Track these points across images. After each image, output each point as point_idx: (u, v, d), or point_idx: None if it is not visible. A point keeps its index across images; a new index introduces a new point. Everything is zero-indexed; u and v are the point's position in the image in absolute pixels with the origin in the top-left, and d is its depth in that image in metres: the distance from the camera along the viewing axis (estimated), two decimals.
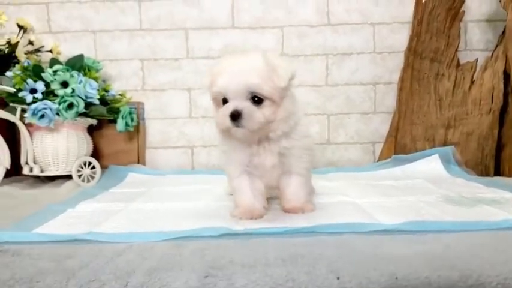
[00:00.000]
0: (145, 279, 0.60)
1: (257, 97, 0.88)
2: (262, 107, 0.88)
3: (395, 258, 0.65)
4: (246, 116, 0.86)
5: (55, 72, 1.48)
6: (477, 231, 0.81)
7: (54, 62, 1.54)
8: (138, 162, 1.77)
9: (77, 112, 1.47)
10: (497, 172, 1.61)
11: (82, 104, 1.47)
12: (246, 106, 0.87)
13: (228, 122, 0.87)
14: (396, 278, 0.60)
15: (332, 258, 0.66)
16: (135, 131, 1.75)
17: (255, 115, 0.87)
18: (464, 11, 1.74)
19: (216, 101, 0.94)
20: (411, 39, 1.74)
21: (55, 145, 1.50)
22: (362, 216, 0.93)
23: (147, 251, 0.72)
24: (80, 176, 1.51)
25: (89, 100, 1.50)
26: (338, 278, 0.60)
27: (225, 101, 0.90)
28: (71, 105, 1.46)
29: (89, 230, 0.88)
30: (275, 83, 0.88)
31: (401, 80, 1.75)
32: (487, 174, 1.59)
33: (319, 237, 0.78)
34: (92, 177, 1.54)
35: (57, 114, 1.45)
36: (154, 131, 1.84)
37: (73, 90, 1.47)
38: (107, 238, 0.82)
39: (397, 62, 1.81)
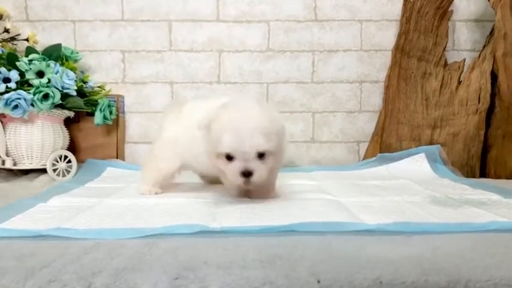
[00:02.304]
0: (110, 281, 0.56)
1: (262, 154, 0.96)
2: (265, 160, 0.97)
3: (380, 261, 0.61)
4: (256, 173, 0.95)
5: (30, 61, 1.41)
6: (465, 233, 0.77)
7: (30, 50, 1.48)
8: (117, 157, 1.71)
9: (52, 103, 1.41)
10: (483, 173, 1.59)
11: (58, 95, 1.42)
12: (255, 165, 0.95)
13: (240, 180, 0.95)
14: (381, 282, 0.56)
15: (313, 260, 0.62)
16: (114, 125, 1.69)
17: (263, 171, 0.96)
18: (452, 10, 1.72)
19: (218, 156, 0.98)
20: (399, 37, 1.72)
21: (29, 137, 1.44)
22: (346, 215, 0.89)
23: (116, 249, 0.67)
24: (55, 170, 1.45)
25: (65, 91, 1.44)
26: (319, 282, 0.56)
27: (229, 156, 0.96)
28: (46, 96, 1.40)
29: (57, 226, 0.83)
30: (278, 139, 0.98)
31: (388, 78, 1.72)
32: (473, 176, 1.57)
33: (300, 237, 0.74)
34: (68, 172, 1.48)
35: (32, 105, 1.39)
36: (134, 125, 1.79)
37: (49, 81, 1.41)
38: (75, 234, 0.77)
39: (384, 60, 1.78)
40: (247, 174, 0.95)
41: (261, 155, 0.96)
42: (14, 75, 1.39)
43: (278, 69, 1.80)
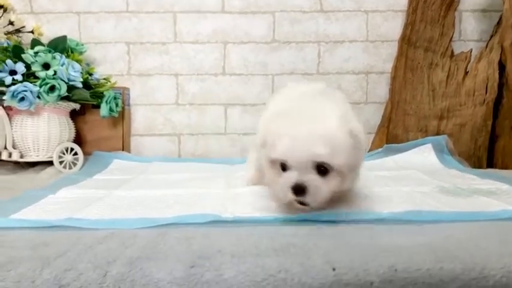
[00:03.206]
0: (126, 269, 0.56)
1: (323, 167, 0.75)
2: (328, 178, 0.76)
3: (394, 250, 0.61)
4: (311, 191, 0.74)
5: (36, 53, 1.41)
6: (476, 222, 0.77)
7: (35, 43, 1.48)
8: (123, 150, 1.71)
9: (59, 95, 1.40)
10: (490, 164, 1.59)
11: (64, 87, 1.41)
12: (311, 179, 0.75)
13: (290, 195, 0.75)
14: (396, 270, 0.56)
15: (327, 249, 0.62)
16: (120, 117, 1.68)
17: (322, 190, 0.75)
18: (459, 0, 1.71)
19: (273, 164, 0.81)
20: (405, 28, 1.71)
21: (36, 129, 1.43)
22: (356, 205, 0.89)
23: (129, 239, 0.67)
24: (61, 163, 1.45)
25: (71, 83, 1.44)
26: (334, 269, 0.56)
27: (284, 166, 0.78)
28: (52, 88, 1.39)
29: (69, 216, 0.83)
30: (349, 153, 0.76)
31: (395, 69, 1.71)
32: (480, 166, 1.56)
33: (312, 227, 0.74)
34: (74, 164, 1.48)
35: (38, 97, 1.38)
36: (139, 117, 1.78)
37: (55, 73, 1.40)
38: (87, 224, 0.77)
39: (390, 51, 1.77)
40: (299, 190, 0.75)
41: (322, 170, 0.75)
42: (20, 67, 1.38)
43: (283, 61, 1.79)
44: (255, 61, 1.79)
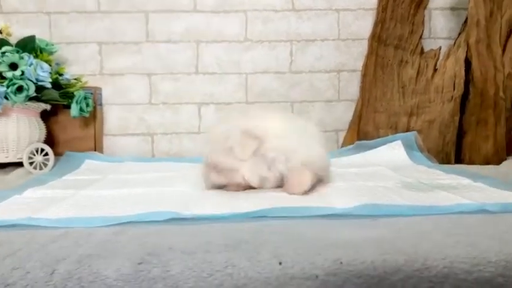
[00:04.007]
0: (73, 267, 0.56)
1: None
2: None
3: (341, 243, 0.62)
4: None
5: (3, 53, 1.40)
6: (431, 216, 0.79)
7: (3, 43, 1.46)
8: (95, 150, 1.70)
9: (27, 96, 1.39)
10: (458, 160, 1.62)
11: (33, 88, 1.40)
12: None
13: None
14: (341, 262, 0.57)
15: (277, 244, 0.63)
16: (92, 117, 1.68)
17: None
18: None
19: None
20: (375, 26, 1.73)
21: (4, 130, 1.42)
22: (316, 200, 0.90)
23: (83, 237, 0.68)
24: (31, 163, 1.44)
25: (40, 83, 1.43)
26: (280, 263, 0.57)
27: None
28: (20, 89, 1.38)
29: (29, 216, 0.83)
30: None
31: (365, 66, 1.73)
32: (448, 162, 1.59)
33: (268, 222, 0.75)
34: (45, 165, 1.47)
35: (6, 98, 1.37)
36: (112, 117, 1.78)
37: (22, 73, 1.39)
38: (45, 223, 0.77)
39: (362, 49, 1.79)
40: None
41: None
42: None
43: (256, 60, 1.80)
44: (228, 60, 1.80)
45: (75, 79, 1.63)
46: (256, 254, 0.59)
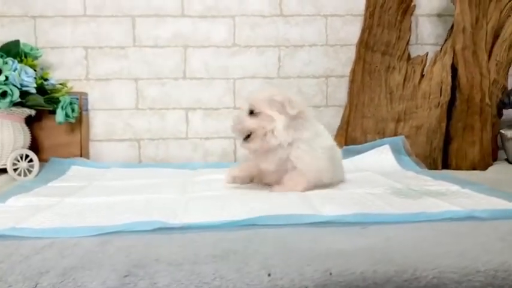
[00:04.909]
0: (57, 280, 0.55)
1: None
2: None
3: (331, 253, 0.61)
4: None
5: None
6: (420, 223, 0.79)
7: None
8: (81, 156, 1.68)
9: (11, 101, 1.37)
10: (445, 165, 1.63)
11: (17, 93, 1.38)
12: None
13: None
14: (330, 273, 0.57)
15: (266, 254, 0.62)
16: (78, 123, 1.66)
17: None
18: (415, 5, 1.74)
19: None
20: (363, 32, 1.73)
21: None
22: (307, 208, 0.90)
23: (68, 248, 0.66)
24: (16, 170, 1.41)
25: (24, 89, 1.41)
26: (269, 275, 0.56)
27: None
28: (4, 94, 1.36)
29: (13, 226, 0.81)
30: None
31: (353, 72, 1.74)
32: (435, 168, 1.60)
33: (257, 231, 0.74)
34: (30, 171, 1.45)
35: None
36: (98, 123, 1.75)
37: (7, 78, 1.37)
38: (29, 233, 0.75)
39: (350, 55, 1.79)
40: None
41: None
42: None
43: (244, 65, 1.79)
44: (216, 65, 1.79)
45: (60, 84, 1.61)
46: (245, 265, 0.58)
